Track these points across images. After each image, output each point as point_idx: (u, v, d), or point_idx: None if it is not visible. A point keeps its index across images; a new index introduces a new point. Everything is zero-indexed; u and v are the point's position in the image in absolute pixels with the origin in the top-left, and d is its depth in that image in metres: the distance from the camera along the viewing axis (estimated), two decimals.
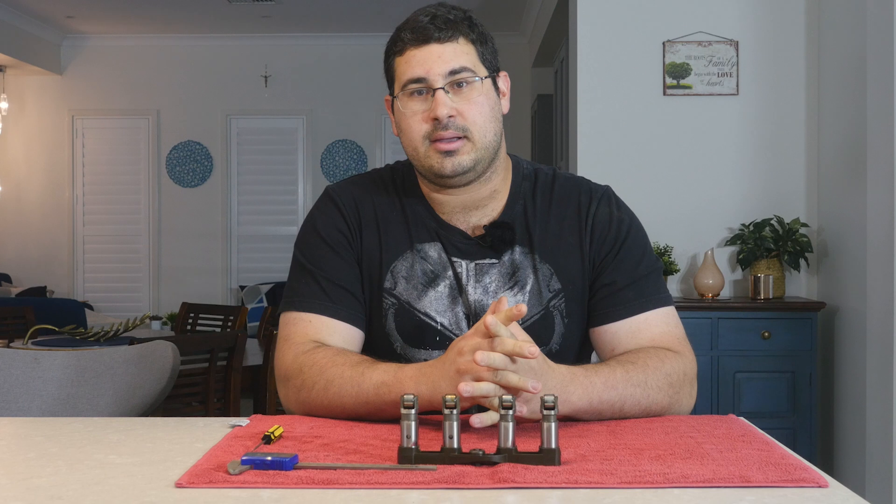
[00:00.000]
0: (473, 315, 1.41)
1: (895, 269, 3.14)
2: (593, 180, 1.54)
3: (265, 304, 7.59)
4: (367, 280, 1.44)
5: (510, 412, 1.00)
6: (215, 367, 3.25)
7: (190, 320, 5.00)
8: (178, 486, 0.93)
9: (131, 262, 8.36)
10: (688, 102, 4.12)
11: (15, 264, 8.34)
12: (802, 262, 4.00)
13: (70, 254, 8.35)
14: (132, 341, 2.96)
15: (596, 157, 4.14)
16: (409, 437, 1.00)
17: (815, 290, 4.08)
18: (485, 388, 1.13)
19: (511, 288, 1.42)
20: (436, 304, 1.41)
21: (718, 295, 3.93)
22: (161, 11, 7.46)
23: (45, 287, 7.79)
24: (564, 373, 1.22)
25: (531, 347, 1.12)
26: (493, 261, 1.42)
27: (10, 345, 3.81)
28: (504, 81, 1.45)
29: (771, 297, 3.86)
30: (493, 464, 0.98)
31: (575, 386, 1.21)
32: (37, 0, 7.16)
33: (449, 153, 1.35)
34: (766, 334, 3.74)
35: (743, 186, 4.12)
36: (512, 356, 1.13)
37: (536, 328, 1.40)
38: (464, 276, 1.42)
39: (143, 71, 8.31)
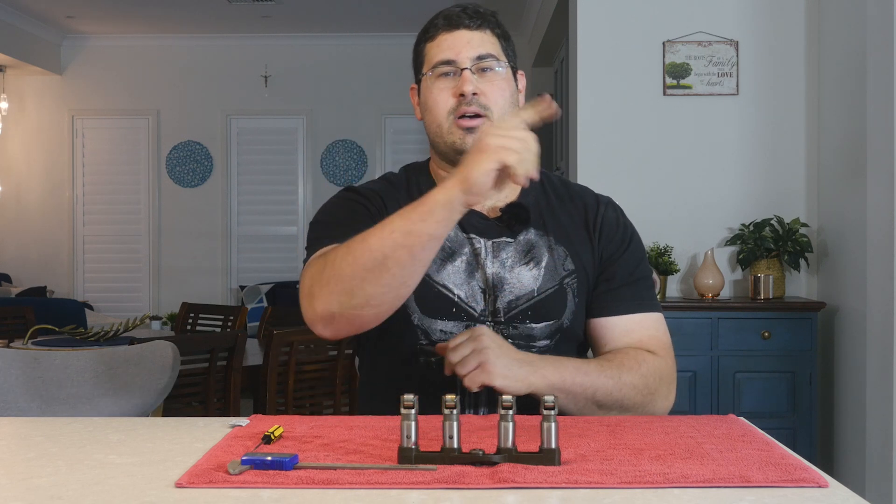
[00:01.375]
0: (490, 288, 1.46)
1: (895, 269, 3.14)
2: (594, 181, 1.60)
3: (265, 304, 7.58)
4: None
5: (510, 412, 1.01)
6: (215, 367, 3.25)
7: (190, 320, 5.00)
8: (178, 486, 0.93)
9: (131, 262, 8.36)
10: (688, 102, 4.12)
11: (15, 264, 8.34)
12: (802, 262, 4.00)
13: (70, 254, 8.35)
14: (132, 341, 2.97)
15: (596, 157, 4.14)
16: (409, 437, 1.00)
17: (815, 290, 4.08)
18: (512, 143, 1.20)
19: (527, 263, 1.48)
20: (453, 277, 1.46)
21: (718, 295, 3.93)
22: (161, 11, 7.46)
23: (45, 287, 7.79)
24: (533, 355, 1.36)
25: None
26: (509, 239, 1.49)
27: (10, 345, 3.81)
28: (522, 80, 1.55)
29: (771, 297, 3.86)
30: (493, 464, 0.98)
31: (546, 363, 1.34)
32: (37, 0, 7.16)
33: (470, 130, 1.43)
34: (766, 334, 3.74)
35: (743, 186, 4.12)
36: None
37: (551, 301, 1.47)
38: (482, 252, 1.47)
39: (143, 71, 8.31)
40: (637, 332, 1.47)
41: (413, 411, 1.00)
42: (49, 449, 1.11)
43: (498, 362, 1.29)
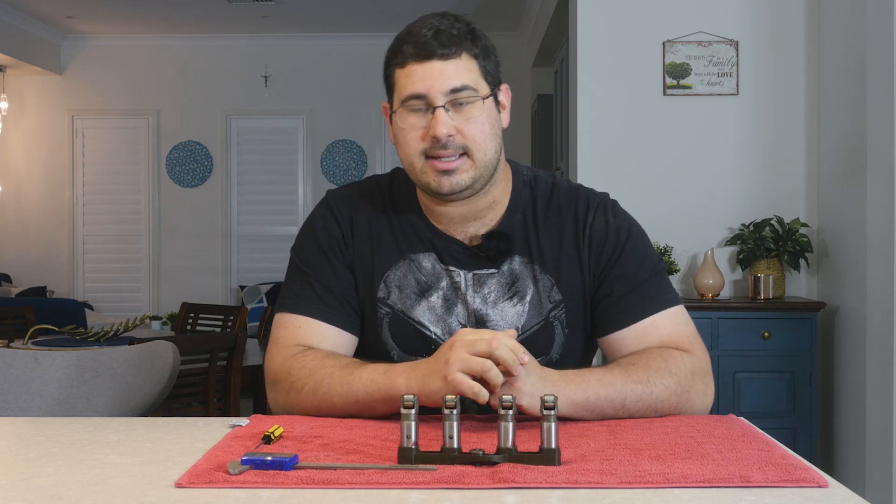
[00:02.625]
0: (472, 324, 1.41)
1: (895, 269, 3.14)
2: (594, 181, 1.55)
3: (265, 304, 7.59)
4: (361, 289, 1.44)
5: (510, 412, 1.01)
6: (215, 367, 3.25)
7: (190, 320, 5.00)
8: (178, 486, 0.93)
9: (131, 262, 8.35)
10: (688, 102, 4.12)
11: (15, 264, 8.34)
12: (802, 262, 4.00)
13: (70, 254, 8.35)
14: (132, 341, 2.96)
15: (596, 157, 4.14)
16: (409, 437, 1.00)
17: (815, 290, 4.08)
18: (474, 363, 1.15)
19: (510, 298, 1.41)
20: (428, 315, 1.41)
21: (718, 295, 3.93)
22: (161, 11, 7.46)
23: (45, 287, 7.79)
24: (555, 372, 1.24)
25: (523, 355, 1.16)
26: (492, 270, 1.42)
27: (10, 345, 3.81)
28: (505, 94, 1.43)
29: (771, 297, 3.86)
30: (493, 464, 0.98)
31: (566, 381, 1.23)
32: (37, 0, 7.16)
33: (447, 172, 1.34)
34: (766, 334, 3.74)
35: (743, 186, 4.12)
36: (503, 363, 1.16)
37: (536, 338, 1.40)
38: (462, 286, 1.42)
39: (143, 71, 8.30)
40: (653, 334, 1.37)
41: (413, 411, 1.00)
42: (49, 449, 1.11)
43: (527, 380, 1.18)
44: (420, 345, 1.41)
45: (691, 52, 4.11)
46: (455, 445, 1.00)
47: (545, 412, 1.00)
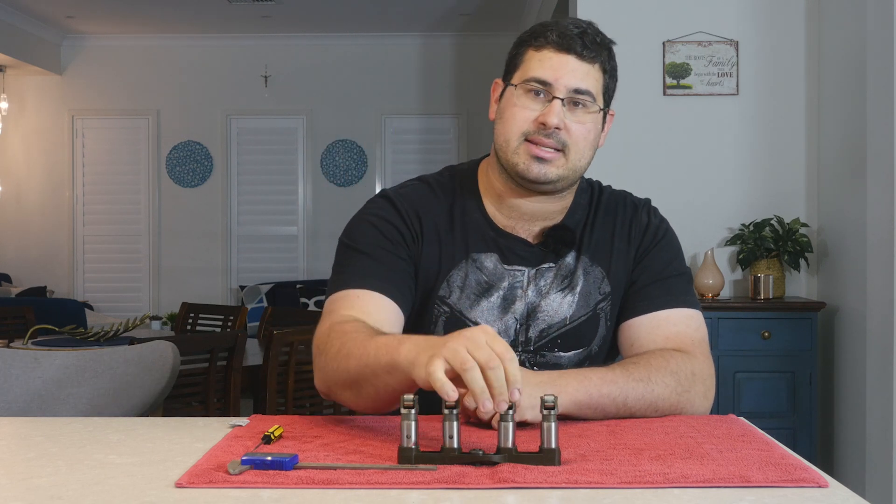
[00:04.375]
0: (523, 318, 1.43)
1: (895, 269, 3.14)
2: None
3: (265, 304, 7.58)
4: (422, 286, 1.44)
5: (510, 412, 1.01)
6: (215, 367, 3.25)
7: (190, 320, 5.00)
8: (178, 486, 0.93)
9: (131, 262, 8.35)
10: (688, 102, 4.12)
11: (15, 264, 8.34)
12: (802, 262, 4.00)
13: (70, 254, 8.34)
14: (132, 341, 2.96)
15: (596, 157, 4.13)
16: (409, 437, 1.00)
17: (815, 290, 4.08)
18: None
19: (563, 290, 1.44)
20: (487, 315, 1.42)
21: (718, 295, 3.93)
22: (161, 11, 7.46)
23: (45, 287, 7.79)
24: (553, 373, 1.25)
25: (515, 392, 1.03)
26: (552, 264, 1.45)
27: (10, 345, 3.81)
28: (610, 122, 1.49)
29: (771, 297, 3.86)
30: (493, 464, 0.98)
31: (567, 379, 1.23)
32: (37, 0, 7.16)
33: (540, 160, 1.37)
34: (766, 334, 3.74)
35: (743, 186, 4.12)
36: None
37: (582, 329, 1.44)
38: (524, 283, 1.44)
39: (143, 71, 8.30)
40: (664, 327, 1.41)
41: (413, 411, 1.00)
42: (49, 449, 1.11)
43: (525, 397, 1.15)
44: None
45: (691, 52, 4.11)
46: (455, 445, 1.00)
47: (545, 412, 1.00)
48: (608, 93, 1.43)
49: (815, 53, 4.09)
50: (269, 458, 0.97)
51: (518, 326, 1.42)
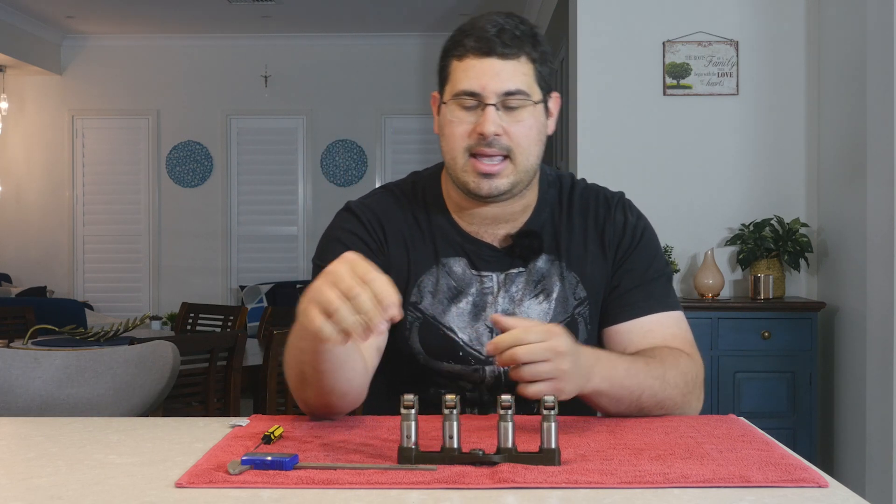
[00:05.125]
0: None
1: (895, 269, 3.14)
2: (593, 180, 1.55)
3: (265, 304, 7.58)
4: None
5: (509, 412, 1.01)
6: (215, 367, 3.25)
7: (190, 320, 5.00)
8: (178, 486, 0.93)
9: (131, 262, 8.35)
10: (688, 102, 4.12)
11: (15, 264, 8.34)
12: (802, 262, 4.00)
13: (70, 254, 8.35)
14: (132, 341, 2.96)
15: (596, 157, 4.14)
16: (409, 437, 1.00)
17: (815, 290, 4.08)
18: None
19: (537, 296, 1.42)
20: (458, 321, 1.41)
21: (718, 295, 3.93)
22: (161, 11, 7.46)
23: (45, 287, 7.79)
24: (590, 353, 1.24)
25: (392, 307, 1.03)
26: (521, 269, 1.43)
27: (10, 345, 3.80)
28: (555, 102, 1.43)
29: (771, 297, 3.86)
30: (493, 464, 0.98)
31: (600, 367, 1.23)
32: (37, 0, 7.16)
33: (488, 175, 1.34)
34: (766, 334, 3.74)
35: (743, 186, 4.12)
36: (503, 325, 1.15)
37: None
38: (494, 289, 1.42)
39: (143, 71, 8.30)
40: (658, 331, 1.40)
41: (413, 411, 1.00)
42: (49, 449, 1.11)
43: (571, 381, 1.16)
44: (448, 350, 1.41)
45: (691, 52, 4.11)
46: (455, 445, 1.00)
47: (545, 412, 1.00)
48: (543, 79, 1.37)
49: (815, 53, 4.09)
50: (269, 458, 0.97)
51: (490, 335, 1.39)
